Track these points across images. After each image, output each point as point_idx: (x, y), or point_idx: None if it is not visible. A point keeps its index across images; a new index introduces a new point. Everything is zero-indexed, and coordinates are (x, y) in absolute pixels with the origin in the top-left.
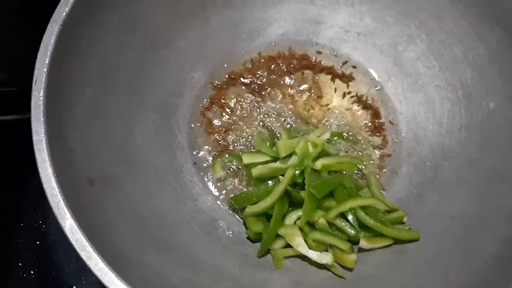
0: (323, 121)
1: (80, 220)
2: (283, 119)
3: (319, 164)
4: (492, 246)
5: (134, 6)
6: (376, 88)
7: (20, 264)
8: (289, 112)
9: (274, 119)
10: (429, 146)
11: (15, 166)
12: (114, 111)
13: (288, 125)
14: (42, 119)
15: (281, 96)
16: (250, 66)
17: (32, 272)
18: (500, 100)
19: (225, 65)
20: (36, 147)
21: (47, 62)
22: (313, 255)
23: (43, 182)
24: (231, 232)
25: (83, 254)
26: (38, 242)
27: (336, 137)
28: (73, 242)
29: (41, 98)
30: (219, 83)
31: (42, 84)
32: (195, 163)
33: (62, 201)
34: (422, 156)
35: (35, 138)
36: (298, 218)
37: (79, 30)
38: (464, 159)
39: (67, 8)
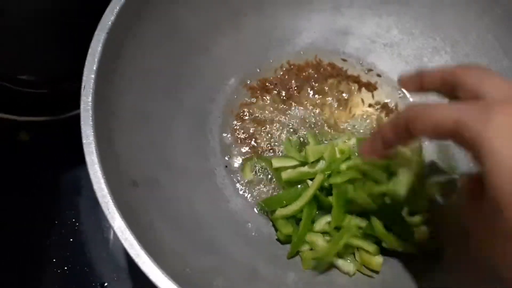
0: (349, 127)
1: (128, 220)
2: (310, 125)
3: (339, 178)
4: None
5: (175, 15)
6: (399, 96)
7: (54, 260)
8: (316, 118)
9: (301, 125)
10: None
11: (47, 166)
12: (154, 116)
13: (315, 131)
14: (91, 123)
15: (307, 102)
16: (280, 73)
17: (65, 268)
18: None
19: (257, 71)
20: (86, 150)
21: (94, 68)
22: (338, 261)
23: (93, 183)
24: (260, 233)
25: (132, 253)
26: (71, 240)
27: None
28: (123, 241)
29: (90, 103)
30: (251, 87)
31: (91, 90)
32: (226, 166)
33: (111, 201)
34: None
35: (84, 141)
36: (327, 223)
37: (123, 38)
38: None
39: (112, 17)
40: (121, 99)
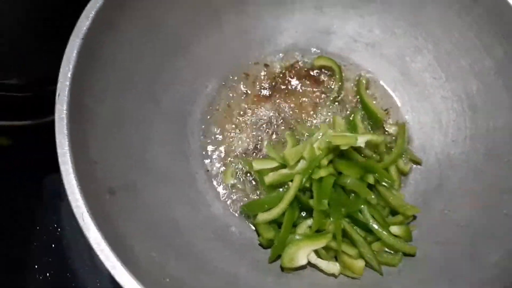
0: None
1: (104, 231)
2: (289, 125)
3: (323, 172)
4: (497, 256)
5: (153, 17)
6: (382, 98)
7: (36, 266)
8: (296, 116)
9: (282, 125)
10: (434, 155)
11: (30, 170)
12: (132, 120)
13: (293, 130)
14: (66, 132)
15: (289, 102)
16: (261, 73)
17: (48, 274)
18: (505, 113)
19: (239, 71)
20: (61, 159)
21: (69, 75)
22: (322, 264)
23: (68, 194)
24: (242, 238)
25: (108, 264)
26: (53, 245)
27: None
28: (98, 253)
29: (64, 111)
30: (232, 87)
31: (65, 98)
32: (207, 170)
33: (86, 212)
34: (428, 164)
35: (59, 151)
36: (309, 226)
37: (100, 43)
38: (469, 168)
39: (88, 22)
40: (98, 105)
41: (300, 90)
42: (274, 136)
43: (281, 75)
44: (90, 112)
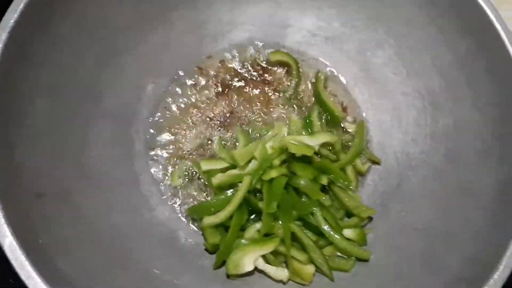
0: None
1: (23, 238)
2: (241, 122)
3: (274, 173)
4: (457, 264)
5: (91, 11)
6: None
7: None
8: (249, 113)
9: (235, 123)
10: (394, 154)
11: None
12: (68, 122)
13: (246, 128)
14: None
15: (243, 99)
16: (212, 69)
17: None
18: (467, 110)
19: (189, 67)
20: None
21: None
22: (270, 270)
23: None
24: (189, 243)
25: (22, 274)
26: None
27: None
28: (12, 261)
29: None
30: (181, 84)
31: None
32: (153, 172)
33: (2, 217)
34: (387, 164)
35: None
36: (258, 230)
37: (29, 38)
38: (429, 169)
39: (15, 15)
40: (27, 105)
41: (255, 86)
42: (226, 135)
43: (235, 71)
44: (18, 112)
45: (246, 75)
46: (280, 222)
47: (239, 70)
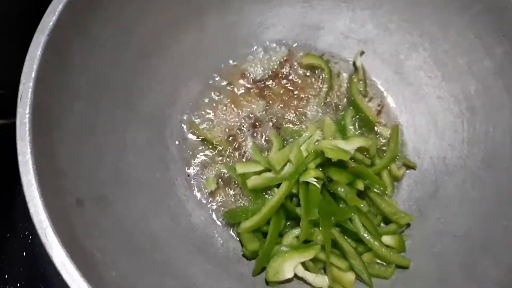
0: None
1: (69, 248)
2: (276, 125)
3: (313, 173)
4: (497, 271)
5: (128, 14)
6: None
7: (6, 276)
8: (283, 115)
9: (268, 125)
10: (429, 159)
11: (2, 174)
12: (106, 127)
13: (278, 132)
14: (28, 138)
15: (276, 101)
16: (246, 72)
17: (18, 284)
18: (505, 115)
19: (222, 70)
20: (22, 169)
21: (33, 76)
22: (310, 277)
23: (29, 207)
24: (225, 249)
25: (73, 286)
26: (25, 254)
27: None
28: (63, 274)
29: (27, 115)
30: (215, 87)
31: (28, 100)
32: (188, 176)
33: (50, 227)
34: (422, 169)
35: (21, 159)
36: (296, 237)
37: (68, 41)
38: (467, 174)
39: (54, 17)
40: (66, 109)
41: (287, 89)
42: (260, 137)
43: (267, 74)
44: (58, 117)
45: (279, 77)
46: (320, 229)
47: (270, 73)
